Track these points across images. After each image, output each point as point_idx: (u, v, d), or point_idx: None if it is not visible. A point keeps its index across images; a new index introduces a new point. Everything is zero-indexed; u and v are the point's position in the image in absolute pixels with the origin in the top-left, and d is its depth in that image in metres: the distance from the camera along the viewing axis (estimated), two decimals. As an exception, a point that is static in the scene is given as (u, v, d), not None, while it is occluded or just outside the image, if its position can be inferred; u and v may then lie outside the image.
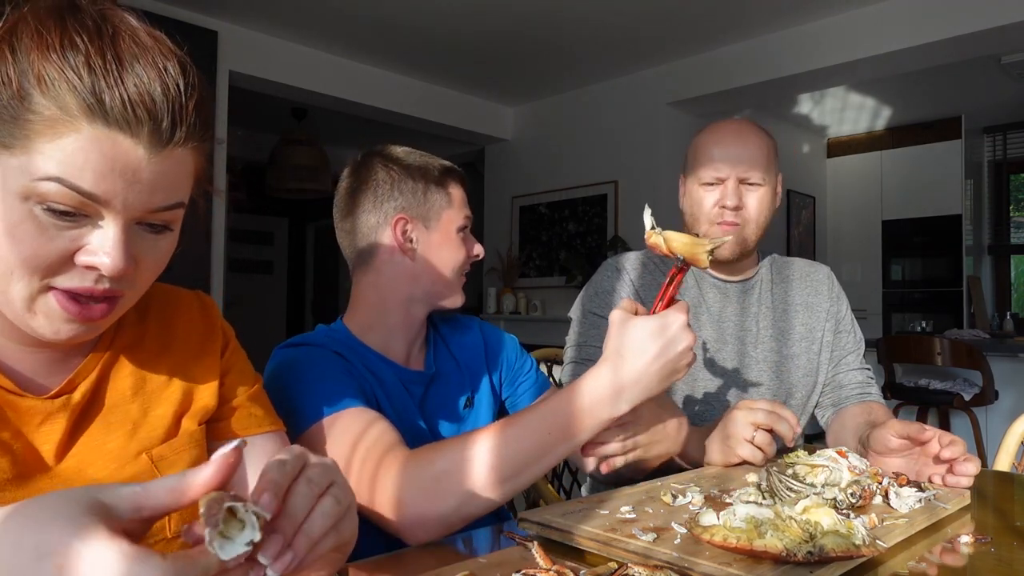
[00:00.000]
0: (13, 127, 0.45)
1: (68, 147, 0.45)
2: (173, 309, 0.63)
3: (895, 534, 0.63)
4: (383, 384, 0.90)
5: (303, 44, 3.95)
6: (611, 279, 1.21)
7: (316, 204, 6.51)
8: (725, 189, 1.12)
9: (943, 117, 5.28)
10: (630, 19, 3.57)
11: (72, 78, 0.44)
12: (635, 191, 4.37)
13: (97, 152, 0.45)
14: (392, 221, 0.94)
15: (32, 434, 0.52)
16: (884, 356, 3.25)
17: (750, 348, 1.19)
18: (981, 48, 3.36)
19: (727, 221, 1.12)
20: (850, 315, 1.26)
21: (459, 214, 0.97)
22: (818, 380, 1.22)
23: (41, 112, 0.45)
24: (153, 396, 0.59)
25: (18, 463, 0.50)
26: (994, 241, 5.70)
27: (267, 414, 0.66)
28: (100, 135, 0.45)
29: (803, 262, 1.30)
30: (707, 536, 0.57)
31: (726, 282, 1.22)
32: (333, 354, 0.87)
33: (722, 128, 1.17)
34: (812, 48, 3.62)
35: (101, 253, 0.47)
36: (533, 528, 0.66)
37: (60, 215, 0.46)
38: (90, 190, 0.45)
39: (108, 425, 0.56)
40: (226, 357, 0.65)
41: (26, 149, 0.45)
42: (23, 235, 0.46)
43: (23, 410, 0.52)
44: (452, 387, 1.00)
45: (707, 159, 1.14)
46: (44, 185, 0.45)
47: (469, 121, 4.82)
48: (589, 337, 1.18)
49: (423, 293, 0.96)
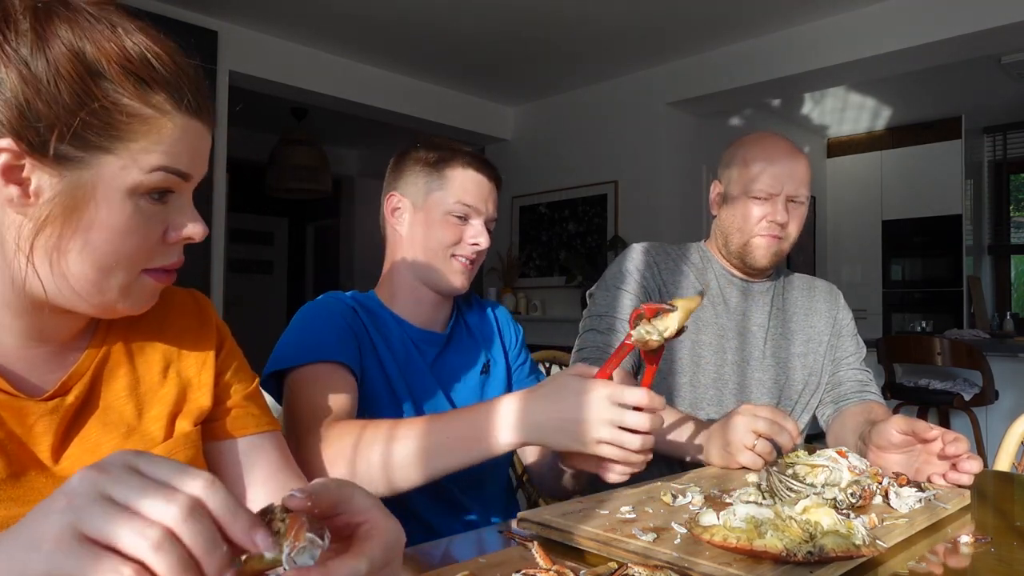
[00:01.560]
0: (111, 131, 0.49)
1: (165, 139, 0.51)
2: (167, 308, 0.63)
3: (895, 534, 0.63)
4: (389, 343, 0.95)
5: (303, 44, 3.95)
6: (637, 260, 1.25)
7: (316, 204, 6.51)
8: (775, 204, 1.17)
9: (943, 117, 5.28)
10: (630, 19, 3.57)
11: (149, 75, 0.50)
12: (635, 191, 4.37)
13: (186, 139, 0.52)
14: (386, 196, 1.03)
15: (26, 435, 0.52)
16: (884, 356, 3.25)
17: (764, 344, 1.23)
18: (981, 48, 3.36)
19: (773, 235, 1.18)
20: (852, 325, 1.31)
21: (450, 196, 0.98)
22: (822, 380, 1.25)
23: (135, 113, 0.50)
24: (147, 397, 0.59)
25: (12, 463, 0.50)
26: (994, 241, 5.70)
27: (263, 413, 0.66)
28: (185, 123, 0.52)
29: (817, 280, 1.36)
30: (707, 536, 0.57)
31: (747, 282, 1.26)
32: (346, 307, 0.94)
33: (775, 144, 1.21)
34: (812, 48, 3.62)
35: (190, 224, 0.54)
36: (533, 528, 0.66)
37: (157, 199, 0.52)
38: (187, 171, 0.52)
39: (104, 426, 0.56)
40: (222, 357, 0.65)
41: (126, 149, 0.50)
42: (134, 227, 0.51)
43: (16, 410, 0.52)
44: (468, 352, 1.04)
45: (760, 173, 1.17)
46: (154, 176, 0.51)
47: (469, 121, 4.82)
48: (611, 308, 1.20)
49: (416, 271, 1.00)
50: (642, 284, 1.21)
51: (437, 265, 0.99)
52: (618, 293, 1.21)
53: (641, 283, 1.21)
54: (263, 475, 0.63)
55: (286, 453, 0.67)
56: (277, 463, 0.64)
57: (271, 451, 0.64)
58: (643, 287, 1.21)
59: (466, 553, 0.61)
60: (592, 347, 1.17)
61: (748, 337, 1.23)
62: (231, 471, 0.62)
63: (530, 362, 1.14)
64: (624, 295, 1.20)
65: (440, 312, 1.04)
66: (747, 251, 1.20)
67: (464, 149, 1.02)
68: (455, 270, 0.99)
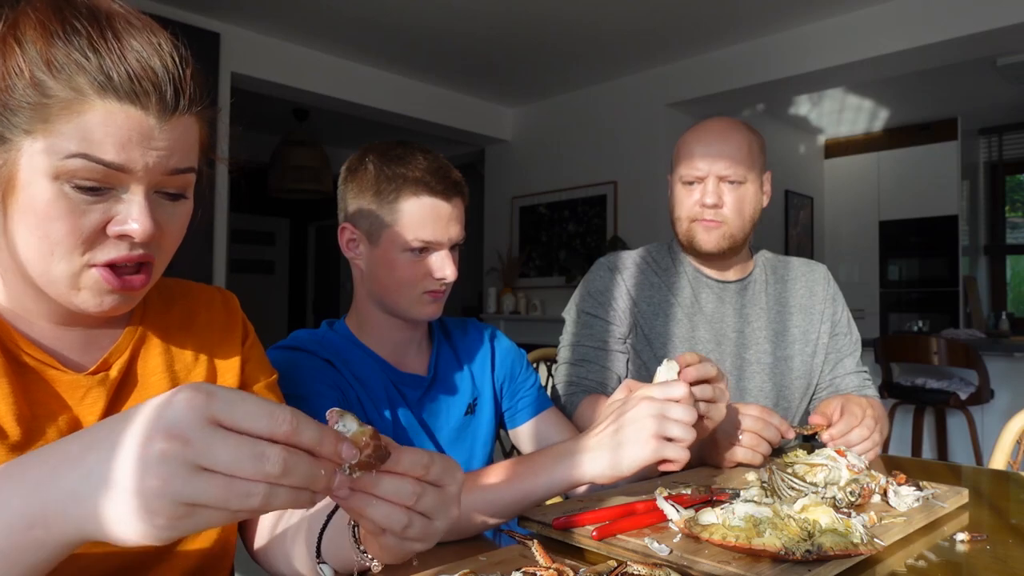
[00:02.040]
0: (31, 113, 0.48)
1: (86, 124, 0.48)
2: (196, 302, 0.67)
3: (893, 532, 0.64)
4: (368, 389, 0.90)
5: (305, 46, 3.95)
6: (604, 279, 1.22)
7: (317, 205, 6.51)
8: (704, 187, 1.13)
9: (939, 118, 5.30)
10: (629, 21, 3.58)
11: (80, 59, 0.48)
12: (634, 192, 4.38)
13: (113, 125, 0.48)
14: (340, 227, 0.95)
15: (76, 407, 0.55)
16: (881, 356, 3.26)
17: (745, 350, 1.19)
18: (977, 50, 3.38)
19: (706, 219, 1.13)
20: (846, 315, 1.25)
21: (406, 232, 0.88)
22: (811, 382, 1.22)
23: (56, 95, 0.47)
24: (181, 374, 0.62)
25: (62, 435, 0.53)
26: (990, 241, 5.72)
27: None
28: (113, 109, 0.48)
29: (800, 261, 1.29)
30: (706, 535, 0.58)
31: (722, 283, 1.21)
32: (321, 362, 0.87)
33: (703, 127, 1.17)
34: (810, 50, 3.63)
35: (130, 220, 0.50)
36: (533, 527, 0.67)
37: (88, 191, 0.49)
38: (113, 160, 0.48)
39: (142, 400, 0.58)
40: (247, 347, 0.68)
41: (47, 132, 0.48)
42: (58, 213, 0.49)
43: (65, 385, 0.55)
44: (454, 392, 0.99)
45: (687, 157, 1.15)
46: (71, 162, 0.48)
47: (469, 122, 4.83)
48: (583, 337, 1.19)
49: (382, 305, 0.94)
50: (610, 304, 1.19)
51: (403, 303, 0.91)
52: (587, 319, 1.19)
53: (609, 304, 1.19)
54: None
55: None
56: None
57: None
58: (611, 308, 1.19)
59: (466, 552, 0.62)
60: (567, 383, 1.15)
61: (726, 344, 1.18)
62: None
63: (536, 378, 1.08)
64: (592, 320, 1.19)
65: (413, 341, 0.98)
66: (691, 238, 1.16)
67: (417, 165, 0.89)
68: (423, 303, 0.92)
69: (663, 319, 1.19)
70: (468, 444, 0.99)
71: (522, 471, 0.71)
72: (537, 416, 1.05)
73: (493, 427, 1.03)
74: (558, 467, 0.70)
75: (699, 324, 1.19)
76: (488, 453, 1.02)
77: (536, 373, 1.10)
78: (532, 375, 1.08)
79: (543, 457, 0.72)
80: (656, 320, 1.19)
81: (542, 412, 1.05)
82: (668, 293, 1.21)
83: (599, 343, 1.18)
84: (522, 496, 0.70)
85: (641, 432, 0.67)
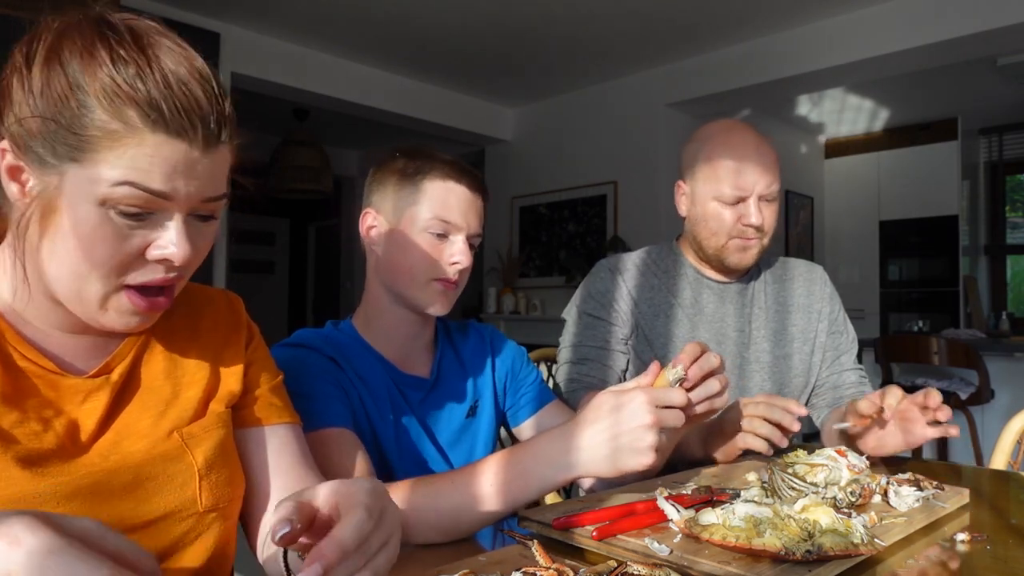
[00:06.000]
0: (79, 141, 0.49)
1: (134, 155, 0.49)
2: (201, 304, 0.67)
3: (893, 532, 0.64)
4: (371, 390, 0.90)
5: (305, 46, 3.95)
6: (605, 280, 1.22)
7: (317, 205, 6.51)
8: (748, 207, 1.10)
9: (940, 118, 5.29)
10: (629, 21, 3.58)
11: (129, 92, 0.49)
12: (634, 192, 4.38)
13: (160, 157, 0.50)
14: (362, 213, 0.95)
15: (75, 411, 0.55)
16: (881, 356, 3.26)
17: (746, 350, 1.20)
18: (977, 50, 3.38)
19: (748, 237, 1.12)
20: (842, 314, 1.26)
21: (427, 211, 0.89)
22: (810, 380, 1.22)
23: (104, 127, 0.49)
24: (184, 379, 0.62)
25: (59, 438, 0.53)
26: (990, 241, 5.72)
27: (286, 406, 0.69)
28: (161, 141, 0.50)
29: (798, 262, 1.30)
30: (706, 535, 0.58)
31: (722, 283, 1.22)
32: (325, 360, 0.87)
33: (741, 139, 1.12)
34: (810, 50, 3.63)
35: (171, 246, 0.53)
36: (533, 527, 0.67)
37: (133, 216, 0.51)
38: (160, 189, 0.50)
39: (143, 404, 0.59)
40: (251, 349, 0.68)
41: (94, 161, 0.49)
42: (102, 237, 0.51)
43: (65, 389, 0.55)
44: (455, 395, 0.99)
45: (728, 175, 1.10)
46: (119, 190, 0.50)
47: (469, 122, 4.83)
48: (584, 337, 1.19)
49: (392, 292, 0.94)
50: (611, 306, 1.19)
51: (414, 289, 0.91)
52: (588, 320, 1.19)
53: (610, 305, 1.19)
54: (287, 464, 0.66)
55: (305, 447, 0.70)
56: (298, 455, 0.68)
57: (293, 442, 0.68)
58: (613, 309, 1.19)
59: (466, 551, 0.62)
60: (568, 380, 1.15)
61: (727, 344, 1.19)
62: (258, 458, 0.66)
63: (537, 374, 1.08)
64: (594, 321, 1.18)
65: (420, 340, 0.97)
66: (724, 254, 1.14)
67: (444, 157, 0.92)
68: (435, 292, 0.91)
69: (664, 320, 1.20)
70: (468, 446, 0.99)
71: (512, 478, 0.71)
72: (541, 410, 1.05)
73: (494, 429, 1.03)
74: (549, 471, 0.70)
75: (700, 325, 1.19)
76: (488, 454, 1.02)
77: (537, 368, 1.09)
78: (533, 370, 1.08)
79: (535, 464, 0.71)
80: (657, 321, 1.19)
81: (546, 406, 1.05)
82: (669, 294, 1.21)
83: (601, 343, 1.19)
84: (512, 501, 0.71)
85: (639, 441, 0.67)
